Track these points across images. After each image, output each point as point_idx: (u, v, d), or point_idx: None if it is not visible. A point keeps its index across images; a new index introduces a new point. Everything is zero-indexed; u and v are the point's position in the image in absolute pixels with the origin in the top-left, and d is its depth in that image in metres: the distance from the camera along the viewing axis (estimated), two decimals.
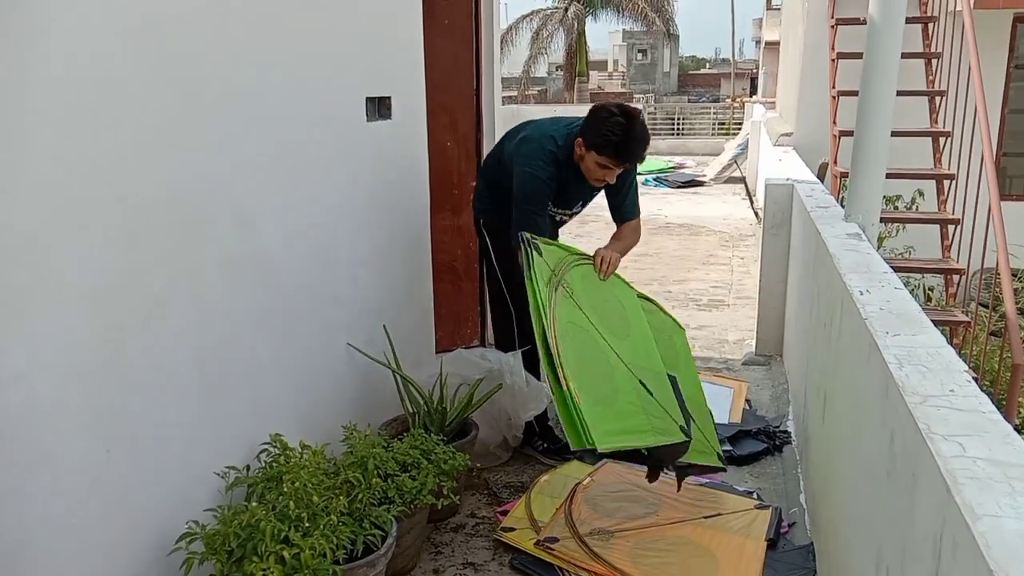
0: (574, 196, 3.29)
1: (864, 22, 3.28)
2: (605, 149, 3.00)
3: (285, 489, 2.15)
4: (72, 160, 1.70)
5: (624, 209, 3.34)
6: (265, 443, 2.36)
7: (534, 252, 2.83)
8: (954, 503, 1.17)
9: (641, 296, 3.28)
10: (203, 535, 2.02)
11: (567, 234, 3.67)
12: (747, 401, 4.00)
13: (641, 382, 2.82)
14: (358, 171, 3.04)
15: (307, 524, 2.11)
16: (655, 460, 2.83)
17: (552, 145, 3.12)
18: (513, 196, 3.15)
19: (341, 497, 2.26)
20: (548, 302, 2.73)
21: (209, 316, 2.18)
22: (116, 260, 1.84)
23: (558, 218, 3.36)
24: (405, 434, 2.85)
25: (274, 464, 2.29)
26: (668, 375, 2.99)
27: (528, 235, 2.89)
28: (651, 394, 2.80)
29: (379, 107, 3.19)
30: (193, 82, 2.08)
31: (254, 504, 2.13)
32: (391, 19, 3.31)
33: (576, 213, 3.41)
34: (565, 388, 2.54)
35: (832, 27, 6.39)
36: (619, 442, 2.59)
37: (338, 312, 2.94)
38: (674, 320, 3.37)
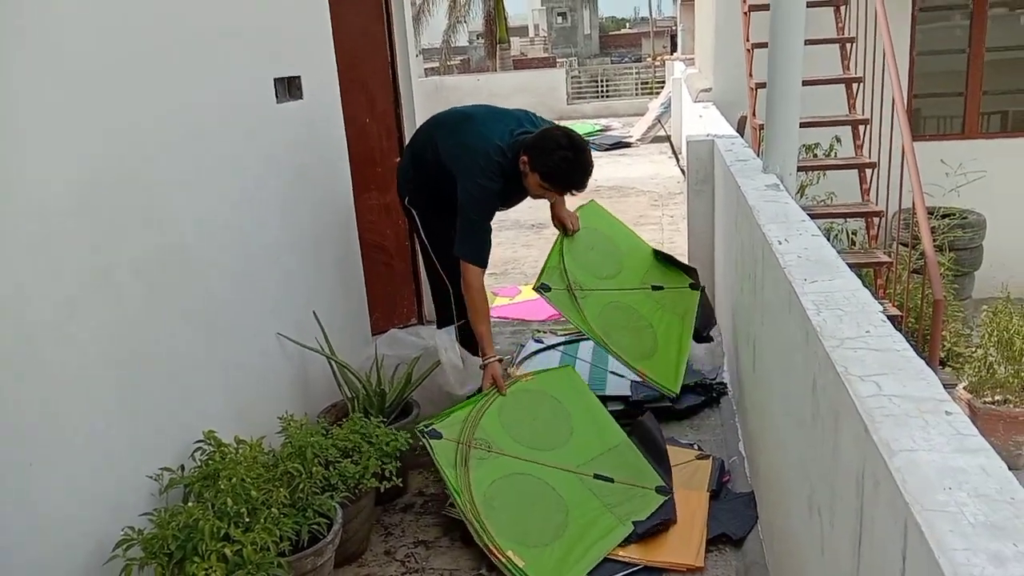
0: (516, 199, 3.31)
1: None
2: (550, 179, 3.04)
3: (222, 486, 2.12)
4: None
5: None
6: (199, 441, 2.31)
7: (431, 440, 2.78)
8: (872, 441, 1.21)
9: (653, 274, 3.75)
10: (140, 540, 1.98)
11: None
12: None
13: (597, 475, 2.87)
14: (272, 155, 2.96)
15: (247, 519, 2.08)
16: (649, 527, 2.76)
17: (499, 156, 3.08)
18: (459, 205, 3.11)
19: (281, 489, 2.24)
20: (460, 485, 2.70)
21: (127, 316, 2.12)
22: (23, 265, 1.77)
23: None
24: (345, 420, 2.83)
25: (209, 462, 2.25)
26: (630, 435, 3.11)
27: (423, 425, 2.81)
28: (612, 480, 2.86)
29: (289, 87, 3.12)
30: (89, 76, 2.00)
31: (191, 504, 2.10)
32: None
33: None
34: (510, 564, 2.53)
35: None
36: (595, 556, 2.60)
37: (265, 301, 2.88)
38: (683, 285, 3.73)
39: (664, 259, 3.81)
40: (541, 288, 3.32)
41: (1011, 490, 1.05)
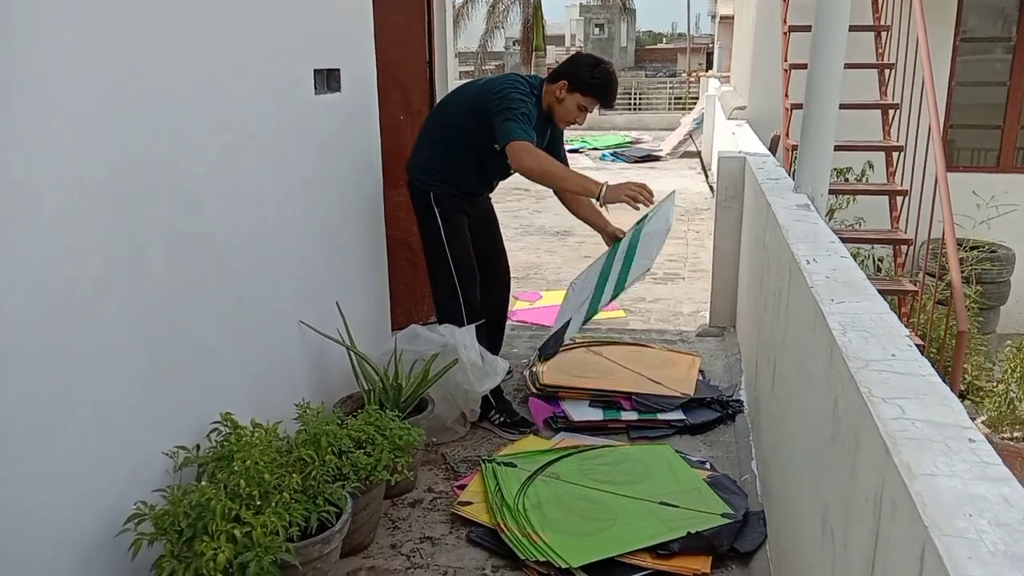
0: (537, 140, 3.24)
1: None
2: (592, 90, 3.28)
3: (236, 468, 2.13)
4: (7, 140, 1.65)
5: (563, 156, 3.68)
6: (215, 422, 2.33)
7: (505, 468, 3.07)
8: (893, 464, 1.20)
9: None
10: (152, 516, 1.99)
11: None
12: (700, 372, 4.05)
13: (663, 503, 2.86)
14: (306, 145, 2.99)
15: (259, 502, 2.09)
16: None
17: (528, 82, 3.31)
18: (497, 111, 3.12)
19: (294, 475, 2.25)
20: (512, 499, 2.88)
21: (154, 296, 2.14)
22: (54, 240, 1.79)
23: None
24: (360, 411, 2.84)
25: (225, 443, 2.26)
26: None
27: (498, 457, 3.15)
28: (677, 506, 2.83)
29: (328, 79, 3.14)
30: (132, 58, 2.02)
31: (204, 483, 2.11)
32: None
33: None
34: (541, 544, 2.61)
35: (784, 0, 6.42)
36: (623, 546, 2.60)
37: (290, 290, 2.90)
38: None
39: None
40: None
41: None
